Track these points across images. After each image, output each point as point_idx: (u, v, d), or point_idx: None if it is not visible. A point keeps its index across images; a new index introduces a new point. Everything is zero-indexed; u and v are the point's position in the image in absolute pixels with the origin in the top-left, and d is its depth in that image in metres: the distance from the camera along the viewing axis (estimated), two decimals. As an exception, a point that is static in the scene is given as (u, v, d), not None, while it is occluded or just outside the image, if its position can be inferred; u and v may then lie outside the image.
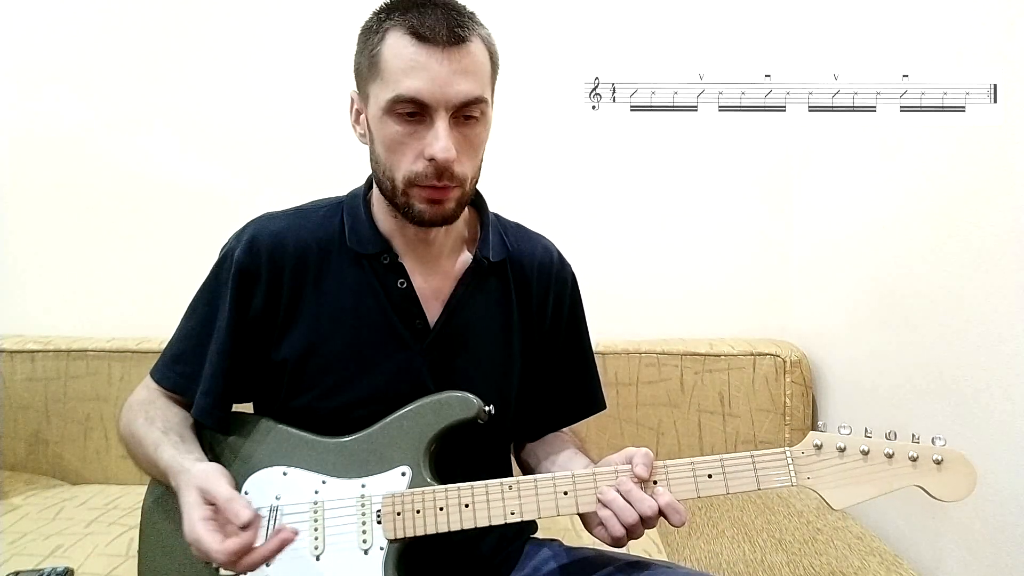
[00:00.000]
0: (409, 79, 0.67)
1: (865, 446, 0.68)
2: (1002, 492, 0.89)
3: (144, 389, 0.84)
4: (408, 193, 0.72)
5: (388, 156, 0.72)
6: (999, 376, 0.90)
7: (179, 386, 0.81)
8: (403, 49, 0.68)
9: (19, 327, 1.61)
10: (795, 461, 0.69)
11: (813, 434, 0.70)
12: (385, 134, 0.71)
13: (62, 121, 1.59)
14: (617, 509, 0.67)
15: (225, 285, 0.79)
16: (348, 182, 0.87)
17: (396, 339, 0.79)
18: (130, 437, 0.80)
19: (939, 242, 1.02)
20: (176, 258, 1.59)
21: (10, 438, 1.49)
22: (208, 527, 0.63)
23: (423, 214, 0.73)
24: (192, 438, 0.78)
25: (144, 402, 0.82)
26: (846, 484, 0.68)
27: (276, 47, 1.56)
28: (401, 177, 0.71)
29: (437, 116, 0.68)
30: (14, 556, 1.12)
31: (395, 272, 0.79)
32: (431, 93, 0.67)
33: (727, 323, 1.56)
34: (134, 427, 0.79)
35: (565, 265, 0.91)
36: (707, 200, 1.56)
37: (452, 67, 0.67)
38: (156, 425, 0.77)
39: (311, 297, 0.78)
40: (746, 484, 0.69)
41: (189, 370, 0.80)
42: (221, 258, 0.81)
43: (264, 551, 0.63)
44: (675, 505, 0.67)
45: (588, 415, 0.93)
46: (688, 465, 0.69)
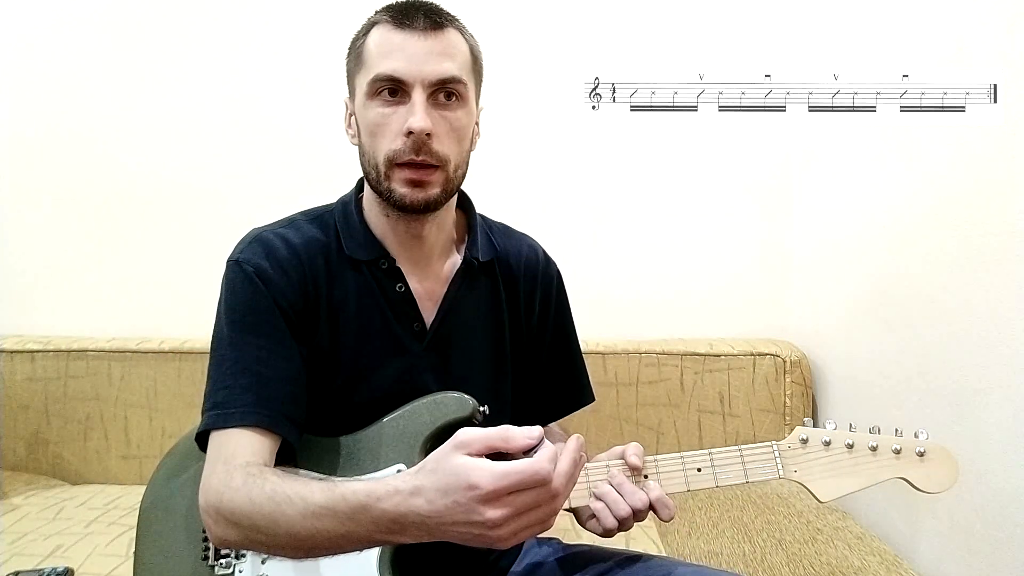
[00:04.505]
0: (387, 60, 0.71)
1: (850, 440, 0.71)
2: (1002, 492, 0.89)
3: (220, 464, 0.65)
4: (390, 176, 0.73)
5: (371, 141, 0.73)
6: (999, 376, 0.90)
7: (268, 418, 0.68)
8: (383, 36, 0.72)
9: (19, 327, 1.61)
10: (782, 454, 0.72)
11: (799, 429, 0.72)
12: (368, 118, 0.73)
13: (63, 121, 1.59)
14: (610, 502, 0.69)
15: (256, 297, 0.73)
16: (347, 182, 0.87)
17: (396, 342, 0.79)
18: (260, 505, 0.59)
19: (939, 242, 1.02)
20: (176, 258, 1.59)
21: (10, 438, 1.49)
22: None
23: (404, 197, 0.72)
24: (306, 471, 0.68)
25: (234, 469, 0.63)
26: (831, 476, 0.71)
27: (276, 48, 1.57)
28: (383, 158, 0.72)
29: (414, 92, 0.70)
30: (14, 556, 1.12)
31: (393, 277, 0.79)
32: (407, 70, 0.70)
33: (727, 323, 1.56)
34: (255, 493, 0.59)
35: (550, 263, 0.93)
36: (707, 200, 1.56)
37: (429, 47, 0.71)
38: (280, 476, 0.61)
39: (324, 304, 0.77)
40: (734, 477, 0.71)
41: (266, 394, 0.69)
42: (242, 277, 0.73)
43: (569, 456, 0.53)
44: (665, 500, 0.70)
45: (578, 407, 0.95)
46: (678, 459, 0.72)
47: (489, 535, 0.50)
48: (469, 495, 0.49)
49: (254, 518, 0.59)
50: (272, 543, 0.59)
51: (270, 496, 0.58)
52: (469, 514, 0.49)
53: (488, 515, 0.49)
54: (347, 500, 0.55)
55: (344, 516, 0.55)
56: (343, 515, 0.55)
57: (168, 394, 1.47)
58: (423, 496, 0.51)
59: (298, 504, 0.57)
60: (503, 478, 0.48)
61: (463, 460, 0.50)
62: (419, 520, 0.52)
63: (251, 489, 0.60)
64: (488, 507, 0.49)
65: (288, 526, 0.57)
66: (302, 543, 0.58)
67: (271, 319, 0.72)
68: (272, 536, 0.58)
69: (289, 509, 0.57)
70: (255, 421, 0.67)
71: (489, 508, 0.49)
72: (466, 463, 0.50)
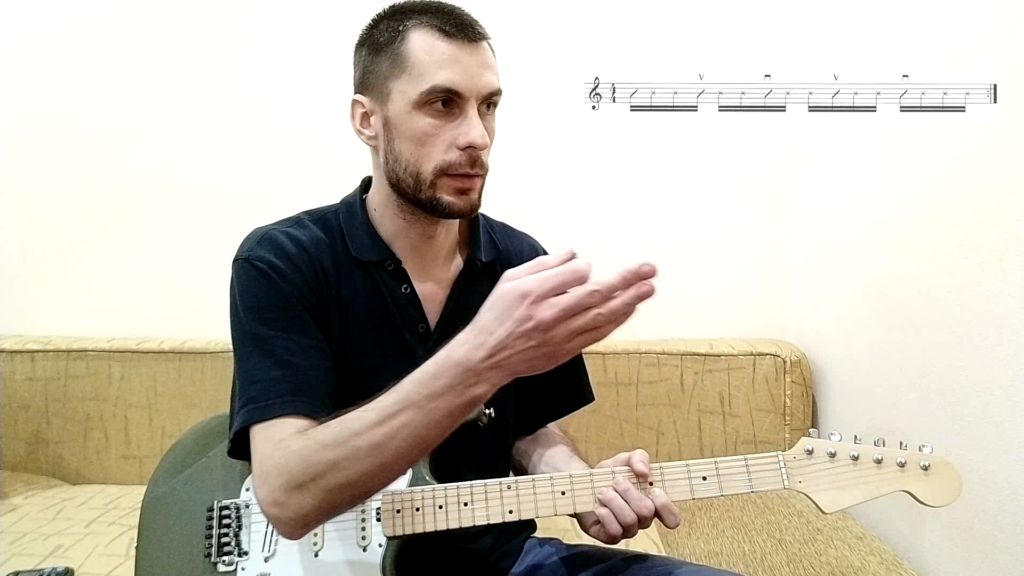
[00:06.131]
0: (444, 71, 0.70)
1: (855, 452, 0.71)
2: (1002, 492, 0.89)
3: (270, 448, 0.65)
4: (436, 184, 0.73)
5: (416, 150, 0.73)
6: (999, 376, 0.90)
7: (307, 404, 0.69)
8: (433, 45, 0.71)
9: (19, 327, 1.61)
10: (787, 465, 0.71)
11: (804, 440, 0.72)
12: (415, 127, 0.72)
13: (63, 121, 1.59)
14: (616, 508, 0.69)
15: (274, 291, 0.73)
16: (348, 182, 0.87)
17: (401, 343, 0.79)
18: (334, 441, 0.60)
19: (939, 242, 1.02)
20: (176, 258, 1.59)
21: (10, 438, 1.49)
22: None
23: (452, 206, 0.74)
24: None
25: (286, 441, 0.64)
26: (836, 488, 0.70)
27: (276, 49, 1.56)
28: (432, 168, 0.72)
29: (469, 106, 0.71)
30: (14, 556, 1.12)
31: (399, 278, 0.79)
32: (465, 83, 0.70)
33: (727, 323, 1.56)
34: (322, 437, 0.61)
35: None
36: (707, 200, 1.56)
37: (478, 60, 0.72)
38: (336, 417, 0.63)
39: (334, 301, 0.77)
40: (739, 486, 0.71)
41: (299, 383, 0.70)
42: (256, 274, 0.73)
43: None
44: (670, 507, 0.69)
45: (578, 407, 0.94)
46: (683, 467, 0.71)
47: (547, 340, 0.53)
48: (522, 305, 0.53)
49: (333, 457, 0.60)
50: (357, 472, 0.59)
51: (339, 429, 0.60)
52: (525, 324, 0.53)
53: (542, 316, 0.53)
54: (418, 381, 0.58)
55: (421, 397, 0.57)
56: (420, 396, 0.57)
57: (168, 394, 1.47)
58: (485, 331, 0.55)
59: (370, 416, 0.59)
60: (548, 279, 0.53)
61: (509, 283, 0.55)
62: (487, 355, 0.55)
63: (318, 435, 0.62)
64: (541, 309, 0.53)
65: (370, 441, 0.58)
66: (385, 454, 0.59)
67: (293, 312, 0.72)
68: (355, 462, 0.59)
69: (363, 427, 0.59)
70: (295, 409, 0.67)
71: (541, 309, 0.53)
72: (512, 283, 0.54)
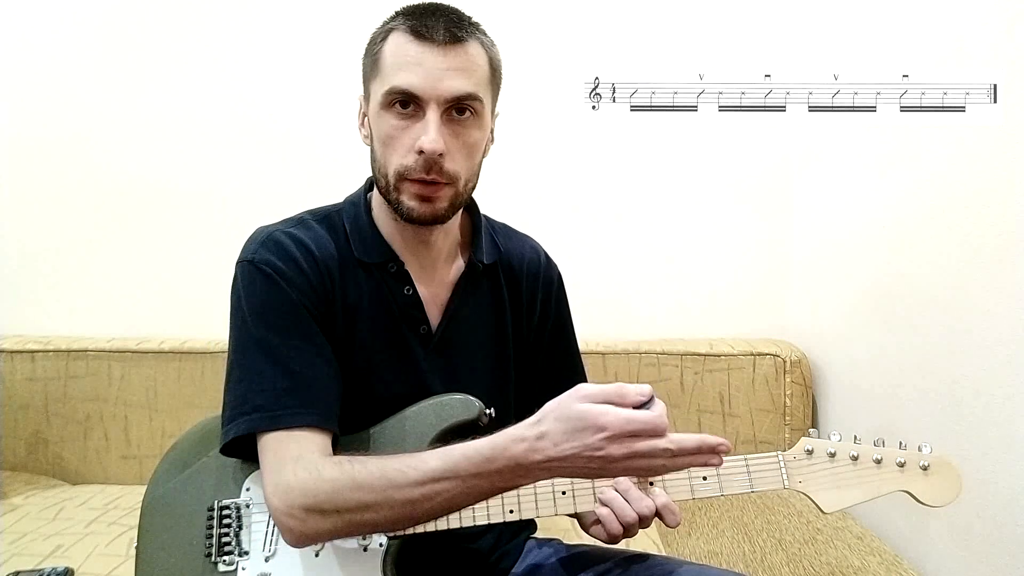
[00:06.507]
0: (403, 72, 0.69)
1: (855, 452, 0.71)
2: (1002, 492, 0.89)
3: (291, 463, 0.65)
4: (399, 188, 0.72)
5: (383, 151, 0.73)
6: (999, 376, 0.90)
7: (319, 416, 0.69)
8: (401, 47, 0.70)
9: (19, 327, 1.61)
10: (787, 465, 0.71)
11: (804, 440, 0.72)
12: (381, 128, 0.72)
13: (62, 122, 1.59)
14: (617, 508, 0.69)
15: (279, 296, 0.72)
16: (348, 182, 0.87)
17: (404, 345, 0.79)
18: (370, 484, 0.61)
19: (939, 242, 1.02)
20: (176, 259, 1.59)
21: (10, 438, 1.49)
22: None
23: (412, 211, 0.72)
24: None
25: (316, 463, 0.65)
26: (836, 488, 0.70)
27: (276, 49, 1.56)
28: (393, 171, 0.72)
29: (428, 109, 0.69)
30: (14, 556, 1.12)
31: (401, 280, 0.79)
32: (423, 86, 0.69)
33: (727, 323, 1.56)
34: (360, 476, 0.62)
35: (552, 264, 0.93)
36: (707, 200, 1.56)
37: (447, 63, 0.69)
38: (378, 456, 0.64)
39: (339, 303, 0.77)
40: (740, 486, 0.71)
41: (310, 396, 0.70)
42: (261, 277, 0.72)
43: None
44: (671, 506, 0.69)
45: None
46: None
47: (607, 468, 0.56)
48: (598, 435, 0.54)
49: (365, 499, 0.61)
50: (384, 518, 0.62)
51: (379, 475, 0.61)
52: (594, 451, 0.55)
53: (611, 451, 0.54)
54: (469, 458, 0.59)
55: (468, 474, 0.59)
56: (467, 473, 0.59)
57: (168, 394, 1.47)
58: (549, 439, 0.56)
59: (412, 474, 0.60)
60: (629, 423, 0.54)
61: (588, 406, 0.56)
62: (544, 460, 0.57)
63: (355, 473, 0.62)
64: (613, 445, 0.54)
65: (406, 497, 0.60)
66: (416, 510, 0.61)
67: (299, 318, 0.72)
68: (386, 509, 0.61)
69: (403, 481, 0.60)
70: (307, 422, 0.68)
71: (613, 446, 0.54)
72: (592, 408, 0.55)
